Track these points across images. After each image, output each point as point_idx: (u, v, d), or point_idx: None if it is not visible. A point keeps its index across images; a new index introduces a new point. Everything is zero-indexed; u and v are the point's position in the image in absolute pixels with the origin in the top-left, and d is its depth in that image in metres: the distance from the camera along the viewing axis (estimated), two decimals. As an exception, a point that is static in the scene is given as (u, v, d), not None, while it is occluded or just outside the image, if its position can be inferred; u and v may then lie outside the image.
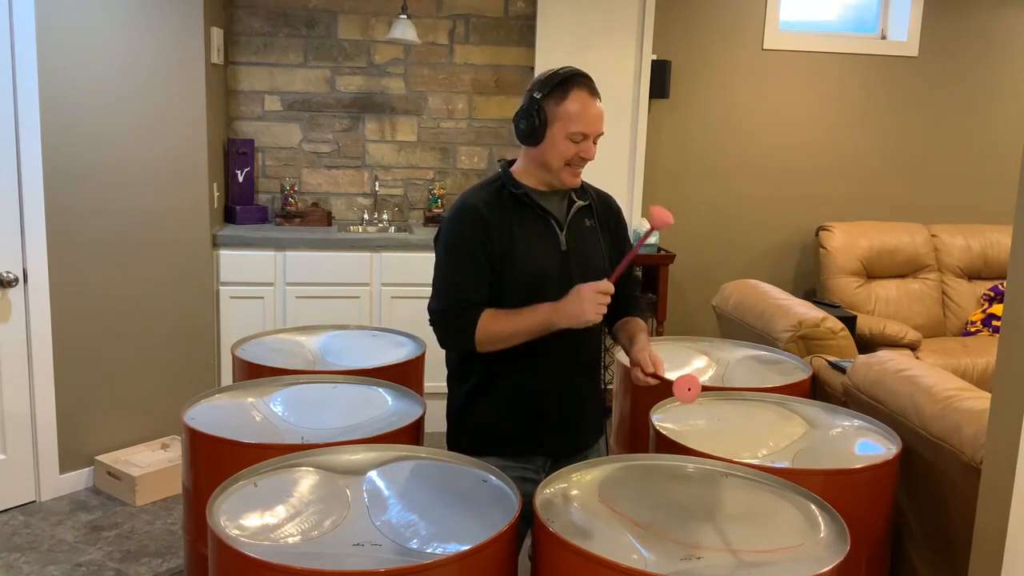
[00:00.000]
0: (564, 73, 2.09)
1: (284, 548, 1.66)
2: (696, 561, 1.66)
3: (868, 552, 2.26)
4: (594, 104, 2.09)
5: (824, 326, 3.21)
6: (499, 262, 2.10)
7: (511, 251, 2.10)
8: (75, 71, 3.57)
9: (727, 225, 5.26)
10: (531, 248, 2.13)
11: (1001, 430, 1.90)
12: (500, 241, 2.10)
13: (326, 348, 2.96)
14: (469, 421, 2.23)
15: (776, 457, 2.26)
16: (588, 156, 2.11)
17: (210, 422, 2.23)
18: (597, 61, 4.51)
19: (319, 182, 4.83)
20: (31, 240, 3.51)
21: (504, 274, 2.11)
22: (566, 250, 2.16)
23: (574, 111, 2.06)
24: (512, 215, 2.13)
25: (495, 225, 2.10)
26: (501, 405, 2.19)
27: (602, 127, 2.11)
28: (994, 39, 5.32)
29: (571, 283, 2.08)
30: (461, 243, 2.11)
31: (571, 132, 2.07)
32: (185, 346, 4.06)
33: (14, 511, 3.57)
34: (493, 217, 2.11)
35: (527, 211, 2.14)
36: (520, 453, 2.20)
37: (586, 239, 2.20)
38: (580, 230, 2.20)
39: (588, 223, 2.22)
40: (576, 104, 2.06)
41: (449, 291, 2.12)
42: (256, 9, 4.62)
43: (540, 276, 2.13)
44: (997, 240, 5.22)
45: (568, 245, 2.16)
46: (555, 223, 2.16)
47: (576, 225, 2.19)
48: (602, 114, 2.10)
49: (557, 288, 2.09)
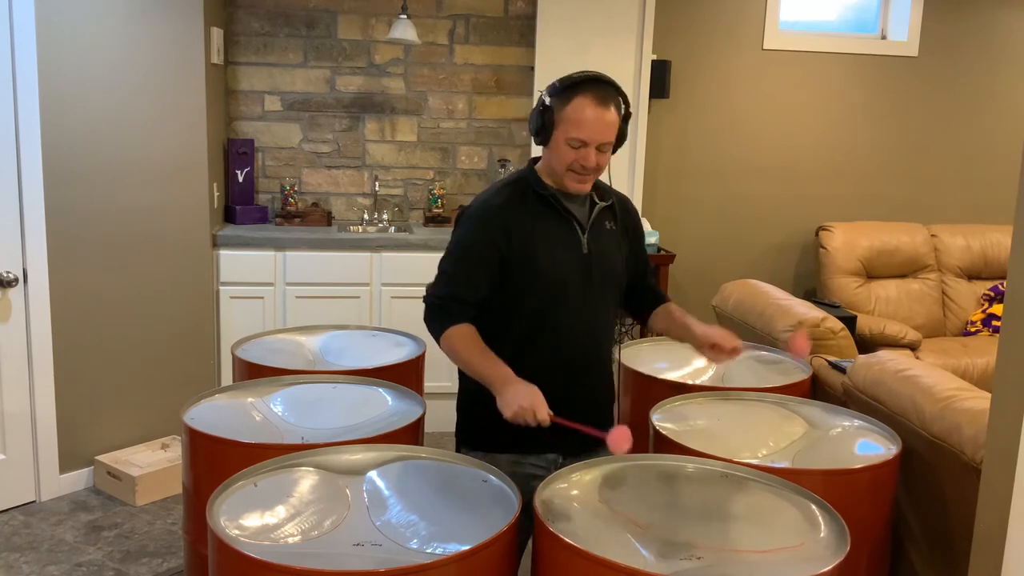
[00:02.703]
0: (577, 77, 2.07)
1: (284, 548, 1.66)
2: (696, 561, 1.66)
3: (868, 552, 2.26)
4: (597, 111, 2.03)
5: (824, 326, 3.21)
6: (519, 263, 2.11)
7: (533, 252, 2.11)
8: (75, 71, 3.57)
9: (727, 225, 5.26)
10: (553, 250, 2.13)
11: (1001, 430, 1.90)
12: (520, 242, 2.10)
13: (326, 348, 2.96)
14: (481, 415, 2.17)
15: (776, 457, 2.26)
16: (587, 164, 2.06)
17: (210, 422, 2.23)
18: (597, 61, 4.51)
19: (319, 182, 4.83)
20: (31, 240, 3.51)
21: (525, 275, 2.11)
22: (588, 252, 2.16)
23: (573, 116, 2.04)
24: (535, 216, 2.13)
25: (516, 226, 2.11)
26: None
27: (607, 136, 2.06)
28: (994, 39, 5.32)
29: (592, 285, 2.13)
30: (472, 241, 2.13)
31: (569, 137, 2.05)
32: (185, 346, 4.06)
33: (14, 511, 3.57)
34: (515, 218, 2.11)
35: (551, 212, 2.14)
36: (530, 451, 2.18)
37: (607, 241, 2.21)
38: (601, 232, 2.20)
39: (609, 225, 2.22)
40: (577, 109, 2.04)
41: (446, 281, 2.15)
42: (256, 9, 4.62)
43: (561, 278, 2.13)
44: (997, 240, 5.22)
45: (590, 247, 2.16)
46: (577, 225, 2.16)
47: (597, 227, 2.20)
48: (607, 122, 2.05)
49: (578, 290, 2.13)
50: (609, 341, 2.29)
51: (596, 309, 2.20)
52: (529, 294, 2.12)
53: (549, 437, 2.06)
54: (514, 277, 2.12)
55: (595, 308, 2.20)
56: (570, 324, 2.17)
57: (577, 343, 2.19)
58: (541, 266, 2.11)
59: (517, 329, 2.16)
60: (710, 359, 2.28)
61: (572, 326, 2.17)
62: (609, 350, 2.30)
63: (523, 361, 2.09)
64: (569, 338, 2.18)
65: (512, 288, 2.13)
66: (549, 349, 2.15)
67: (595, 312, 2.20)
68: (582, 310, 2.17)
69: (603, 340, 2.26)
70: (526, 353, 2.13)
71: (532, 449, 2.18)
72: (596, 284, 2.17)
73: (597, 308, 2.20)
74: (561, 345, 2.17)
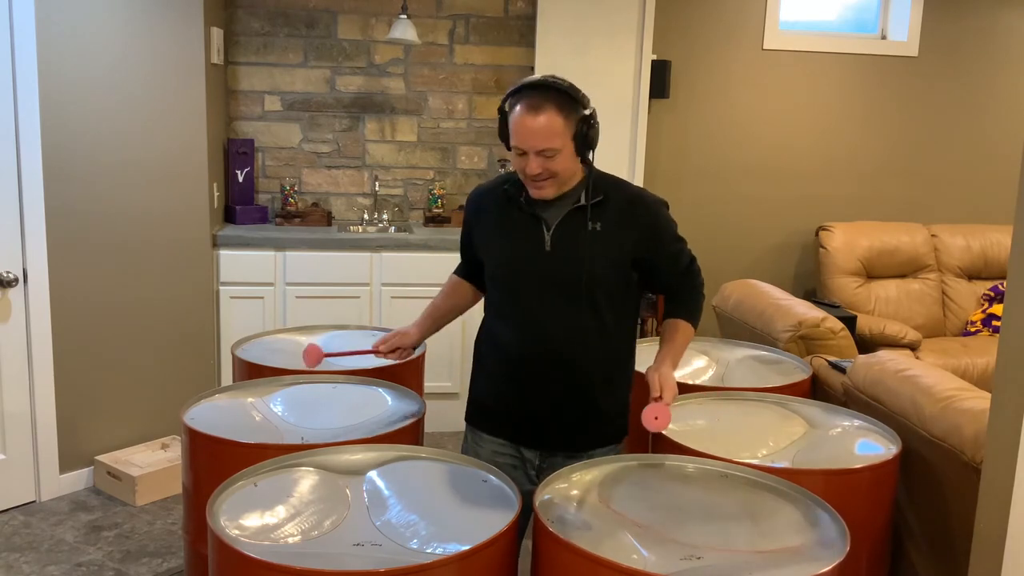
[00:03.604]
0: (520, 83, 2.04)
1: (284, 548, 1.66)
2: (696, 561, 1.66)
3: (868, 552, 2.26)
4: (528, 118, 1.98)
5: (824, 326, 3.21)
6: (482, 247, 2.26)
7: (488, 243, 2.23)
8: (75, 71, 3.57)
9: (727, 225, 5.26)
10: (510, 244, 2.16)
11: (1001, 430, 1.90)
12: (480, 232, 2.25)
13: (326, 348, 2.96)
14: (471, 387, 2.36)
15: (776, 457, 2.26)
16: (528, 172, 2.03)
17: (210, 422, 2.23)
18: (597, 61, 4.51)
19: (319, 182, 4.83)
20: (31, 240, 3.51)
21: (487, 260, 2.25)
22: (550, 250, 2.12)
23: (511, 125, 2.04)
24: (502, 210, 2.20)
25: (482, 216, 2.25)
26: (485, 380, 2.29)
27: (543, 142, 1.99)
28: (994, 39, 5.32)
29: (552, 285, 2.13)
30: (464, 215, 2.34)
31: (512, 146, 2.06)
32: (185, 346, 4.06)
33: (14, 511, 3.57)
34: (484, 208, 2.25)
35: (515, 209, 2.17)
36: (483, 429, 2.27)
37: (582, 242, 2.11)
38: (574, 232, 2.11)
39: (592, 226, 2.11)
40: (513, 117, 2.02)
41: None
42: (256, 9, 4.62)
43: (516, 272, 2.16)
44: (997, 240, 5.22)
45: (553, 246, 2.12)
46: (544, 224, 2.13)
47: (569, 227, 2.12)
48: (539, 128, 1.98)
49: (538, 285, 2.14)
50: (586, 353, 2.16)
51: (558, 311, 2.13)
52: (490, 281, 2.26)
53: (501, 420, 2.23)
54: (481, 259, 2.27)
55: (556, 310, 2.13)
56: (521, 321, 2.17)
57: (530, 343, 2.15)
58: (496, 256, 2.21)
59: (494, 312, 2.27)
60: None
61: (524, 323, 2.16)
62: (589, 365, 2.17)
63: (486, 345, 2.28)
64: (521, 336, 2.17)
65: (487, 271, 2.27)
66: (503, 341, 2.21)
67: (555, 314, 2.13)
68: (536, 309, 2.14)
69: (568, 348, 2.14)
70: (491, 336, 2.27)
71: (485, 428, 2.28)
72: (557, 284, 2.11)
73: (560, 310, 2.13)
74: (512, 340, 2.19)
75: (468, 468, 2.03)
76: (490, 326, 2.28)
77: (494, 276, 2.23)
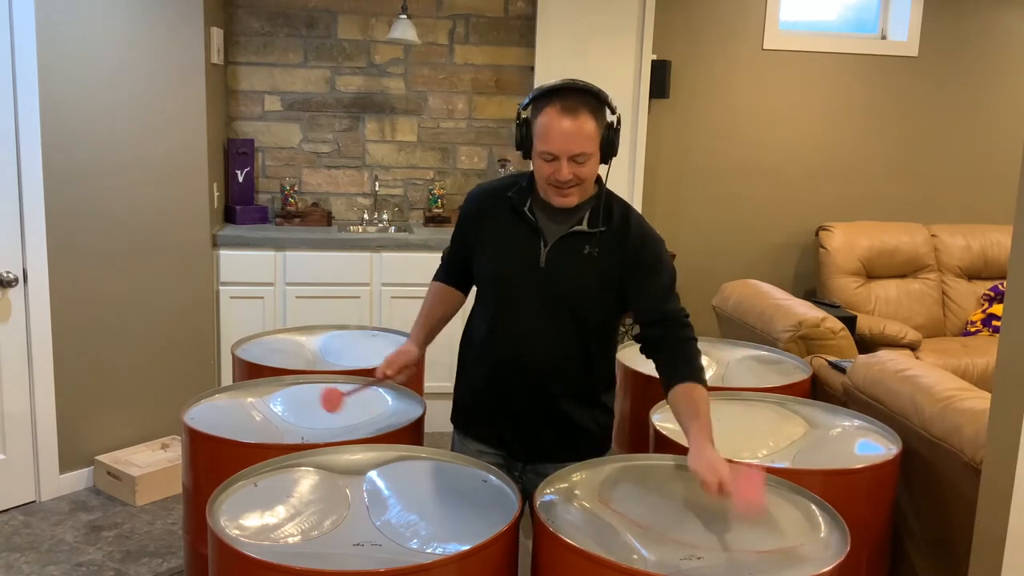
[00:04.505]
0: (548, 86, 1.97)
1: (284, 548, 1.66)
2: (696, 561, 1.66)
3: (868, 552, 2.26)
4: (563, 121, 1.92)
5: (824, 326, 3.21)
6: (478, 253, 2.18)
7: (483, 249, 2.16)
8: (75, 71, 3.57)
9: (727, 225, 5.26)
10: (507, 251, 2.11)
11: (1001, 430, 1.90)
12: (476, 236, 2.18)
13: (326, 348, 2.96)
14: (455, 390, 2.32)
15: (776, 457, 2.26)
16: (560, 178, 1.96)
17: (210, 422, 2.23)
18: (597, 61, 4.51)
19: (319, 182, 4.83)
20: (31, 240, 3.51)
21: (479, 266, 2.18)
22: (543, 267, 2.07)
23: (542, 129, 1.95)
24: (501, 217, 2.13)
25: (481, 220, 2.17)
26: (467, 385, 2.27)
27: (578, 147, 1.93)
28: (994, 39, 5.32)
29: (543, 301, 2.08)
30: (460, 216, 2.26)
31: (540, 151, 1.98)
32: (185, 346, 4.06)
33: (14, 511, 3.57)
34: (483, 212, 2.17)
35: (516, 218, 2.11)
36: (480, 440, 2.24)
37: (575, 264, 2.06)
38: (571, 253, 2.06)
39: (588, 250, 2.06)
40: (544, 121, 1.95)
41: (449, 243, 2.34)
42: (256, 9, 4.62)
43: (506, 282, 2.11)
44: (997, 240, 5.22)
45: (548, 262, 2.07)
46: (541, 238, 2.08)
47: (566, 247, 2.07)
48: (576, 132, 1.92)
49: (526, 299, 2.08)
50: (563, 371, 2.12)
51: (546, 329, 2.09)
52: (480, 287, 2.21)
53: (483, 426, 2.22)
54: (475, 264, 2.20)
55: (544, 327, 2.09)
56: (505, 332, 2.13)
57: (517, 357, 2.12)
58: (487, 263, 2.15)
59: (480, 316, 2.22)
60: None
61: (507, 335, 2.13)
62: (568, 381, 2.13)
63: (469, 350, 2.25)
64: (502, 347, 2.13)
65: (477, 274, 2.21)
66: (486, 348, 2.18)
67: (544, 331, 2.09)
68: (521, 322, 2.10)
69: (547, 363, 2.11)
70: (474, 343, 2.23)
71: (469, 432, 2.26)
72: (548, 301, 2.07)
73: (548, 328, 2.09)
74: (500, 354, 2.14)
75: (468, 468, 2.03)
76: (474, 331, 2.24)
77: (485, 282, 2.18)
